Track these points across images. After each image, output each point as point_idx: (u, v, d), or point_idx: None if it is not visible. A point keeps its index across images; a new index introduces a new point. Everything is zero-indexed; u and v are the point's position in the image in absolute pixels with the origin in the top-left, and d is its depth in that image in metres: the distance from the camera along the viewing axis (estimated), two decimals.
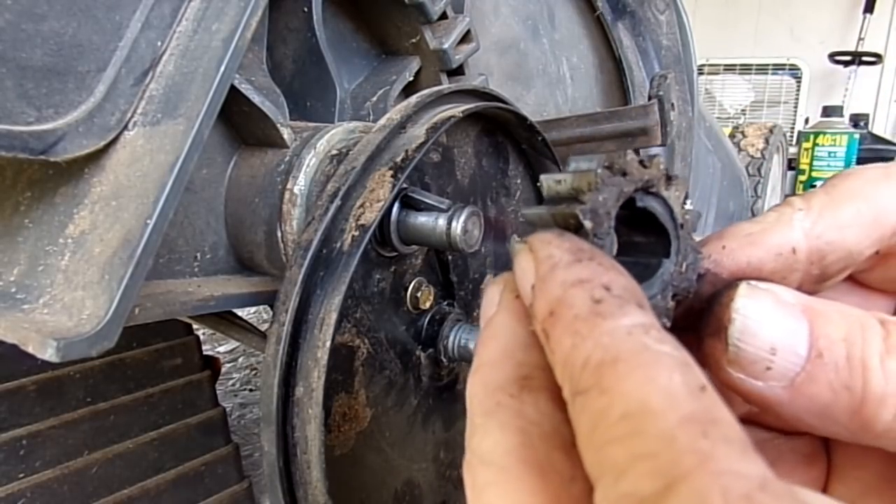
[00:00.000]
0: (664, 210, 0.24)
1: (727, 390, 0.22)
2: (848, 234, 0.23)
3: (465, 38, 0.71)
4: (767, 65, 4.78)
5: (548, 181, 0.23)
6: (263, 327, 1.22)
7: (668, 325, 0.23)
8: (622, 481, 0.15)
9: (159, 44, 0.44)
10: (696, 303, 0.24)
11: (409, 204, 0.47)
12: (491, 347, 0.22)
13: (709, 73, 4.75)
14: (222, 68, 0.43)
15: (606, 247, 0.22)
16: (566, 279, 0.19)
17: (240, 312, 1.11)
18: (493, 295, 0.24)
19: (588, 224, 0.21)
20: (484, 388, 0.21)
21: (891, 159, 3.95)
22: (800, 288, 0.24)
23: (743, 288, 0.22)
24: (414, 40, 0.69)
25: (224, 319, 0.93)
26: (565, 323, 0.19)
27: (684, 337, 0.20)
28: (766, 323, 0.21)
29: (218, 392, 1.06)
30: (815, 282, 0.25)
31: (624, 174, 0.22)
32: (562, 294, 0.19)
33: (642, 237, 0.24)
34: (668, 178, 0.23)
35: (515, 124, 0.59)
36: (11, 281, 0.42)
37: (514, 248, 0.22)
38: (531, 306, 0.21)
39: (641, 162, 0.23)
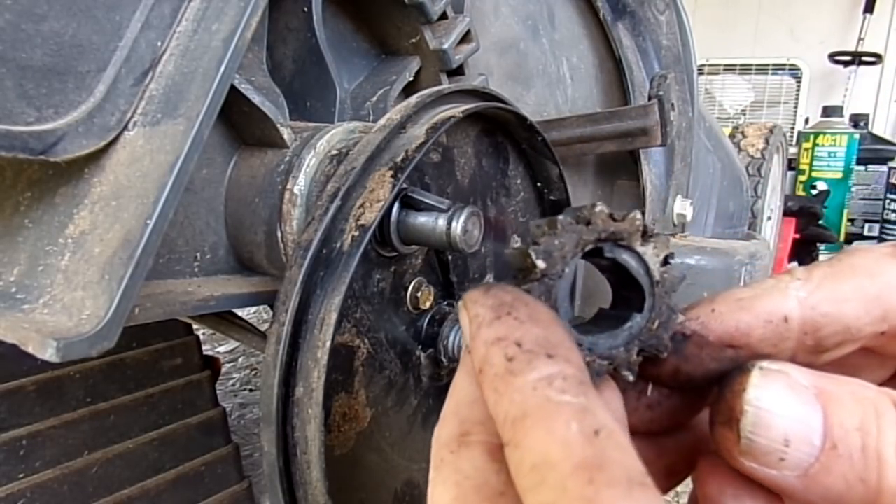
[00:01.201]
0: (639, 265, 0.24)
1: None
2: (846, 308, 0.23)
3: (465, 38, 0.71)
4: (767, 65, 4.78)
5: (530, 225, 0.24)
6: (263, 327, 1.22)
7: (631, 378, 0.24)
8: None
9: (159, 44, 0.44)
10: (684, 363, 0.25)
11: (409, 204, 0.47)
12: (447, 404, 0.23)
13: (709, 73, 4.75)
14: (222, 68, 0.43)
15: (558, 290, 0.23)
16: (487, 338, 0.21)
17: (240, 312, 1.11)
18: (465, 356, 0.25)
19: (540, 264, 0.23)
20: (435, 444, 0.23)
21: (891, 159, 3.95)
22: (794, 358, 0.24)
23: (756, 376, 0.22)
24: (414, 40, 0.69)
25: (224, 319, 0.93)
26: (488, 381, 0.20)
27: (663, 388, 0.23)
28: (779, 413, 0.21)
29: (218, 392, 1.06)
30: (810, 353, 0.24)
31: (588, 223, 0.23)
32: (484, 353, 0.21)
33: (626, 291, 0.25)
34: (645, 234, 0.24)
35: (515, 124, 0.59)
36: (11, 281, 0.42)
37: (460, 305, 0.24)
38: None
39: (612, 215, 0.24)
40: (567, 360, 0.20)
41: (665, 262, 0.24)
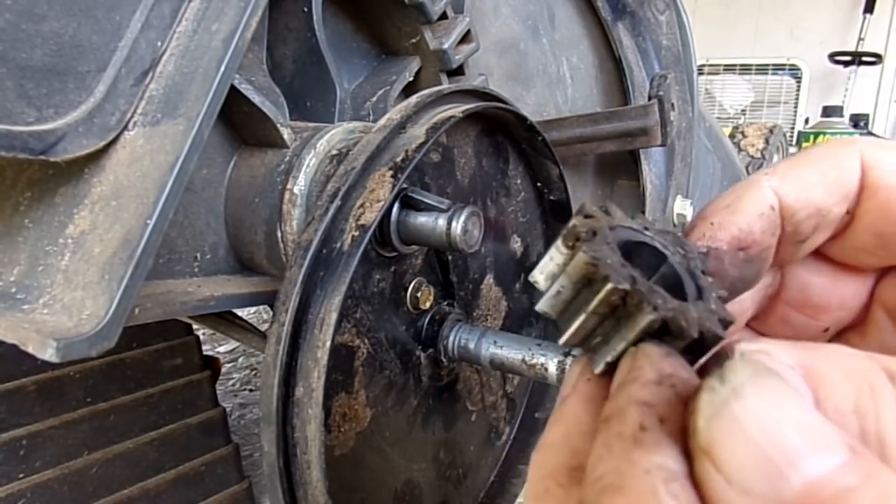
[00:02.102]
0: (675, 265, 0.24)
1: None
2: (813, 192, 0.25)
3: (465, 38, 0.71)
4: (767, 65, 4.78)
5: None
6: (263, 327, 1.22)
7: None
8: None
9: (159, 44, 0.44)
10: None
11: (409, 204, 0.47)
12: (554, 430, 0.22)
13: (709, 73, 4.75)
14: (222, 68, 0.43)
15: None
16: (634, 396, 0.19)
17: (240, 312, 1.11)
18: (572, 374, 0.24)
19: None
20: (538, 471, 0.21)
21: None
22: (781, 252, 0.25)
23: (734, 364, 0.21)
24: (414, 40, 0.69)
25: (224, 319, 0.93)
26: (608, 434, 0.19)
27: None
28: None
29: (218, 392, 1.06)
30: (793, 242, 0.25)
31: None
32: (623, 407, 0.19)
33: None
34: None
35: (515, 124, 0.59)
36: (11, 281, 0.42)
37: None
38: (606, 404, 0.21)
39: (604, 209, 0.24)
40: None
41: (684, 251, 0.24)
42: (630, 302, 0.21)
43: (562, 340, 0.23)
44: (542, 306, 0.23)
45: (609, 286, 0.21)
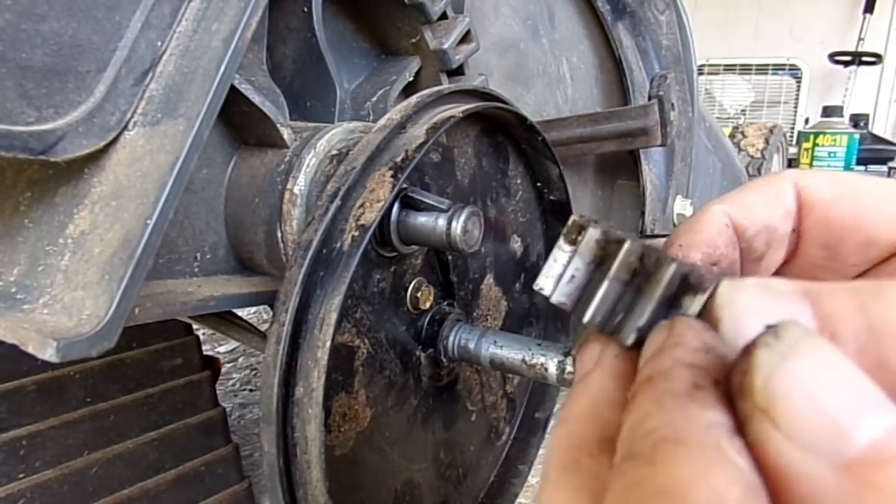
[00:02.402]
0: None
1: None
2: (758, 211, 0.27)
3: (465, 38, 0.71)
4: (767, 65, 4.78)
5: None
6: (263, 327, 1.22)
7: None
8: None
9: (159, 44, 0.44)
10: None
11: (409, 204, 0.47)
12: (580, 402, 0.22)
13: (709, 73, 4.75)
14: (222, 68, 0.43)
15: None
16: (682, 358, 0.19)
17: (240, 312, 1.11)
18: (591, 353, 0.24)
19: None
20: (565, 442, 0.21)
21: (891, 159, 3.95)
22: (744, 271, 0.27)
23: (723, 285, 0.21)
24: (414, 40, 0.69)
25: (224, 319, 0.93)
26: (655, 391, 0.18)
27: None
28: (757, 313, 0.20)
29: (218, 392, 1.06)
30: (751, 260, 0.28)
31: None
32: (668, 368, 0.19)
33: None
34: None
35: (515, 124, 0.59)
36: (11, 281, 0.42)
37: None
38: (639, 371, 0.21)
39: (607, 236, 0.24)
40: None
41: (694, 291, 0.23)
42: (647, 261, 0.22)
43: (586, 317, 0.23)
44: (557, 297, 0.24)
45: (627, 245, 0.22)
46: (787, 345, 0.17)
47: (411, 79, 0.71)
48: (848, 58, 4.49)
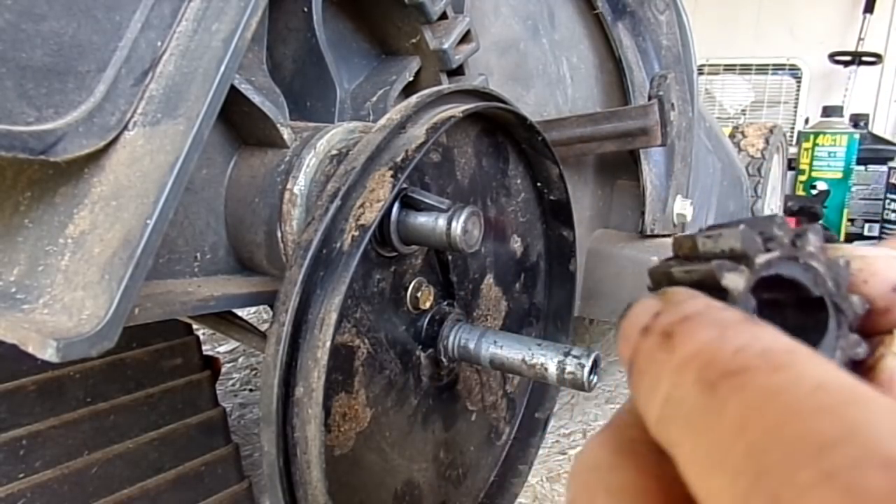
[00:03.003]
0: (812, 279, 0.21)
1: None
2: None
3: (465, 38, 0.71)
4: (767, 65, 4.78)
5: (699, 238, 0.21)
6: (263, 327, 1.22)
7: None
8: (825, 457, 0.13)
9: (159, 44, 0.44)
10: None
11: (409, 204, 0.47)
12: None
13: (709, 73, 4.74)
14: (222, 68, 0.43)
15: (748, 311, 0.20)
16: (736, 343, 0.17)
17: (240, 312, 1.11)
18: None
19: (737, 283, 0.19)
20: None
21: (891, 159, 3.95)
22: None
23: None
24: (414, 40, 0.69)
25: (224, 319, 0.93)
26: (707, 319, 0.17)
27: None
28: None
29: (218, 392, 1.06)
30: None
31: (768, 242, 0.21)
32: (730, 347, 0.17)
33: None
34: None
35: (515, 124, 0.59)
36: (11, 281, 0.42)
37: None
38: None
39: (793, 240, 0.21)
40: None
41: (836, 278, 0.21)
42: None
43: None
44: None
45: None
46: None
47: (411, 79, 0.71)
48: (848, 58, 4.48)
